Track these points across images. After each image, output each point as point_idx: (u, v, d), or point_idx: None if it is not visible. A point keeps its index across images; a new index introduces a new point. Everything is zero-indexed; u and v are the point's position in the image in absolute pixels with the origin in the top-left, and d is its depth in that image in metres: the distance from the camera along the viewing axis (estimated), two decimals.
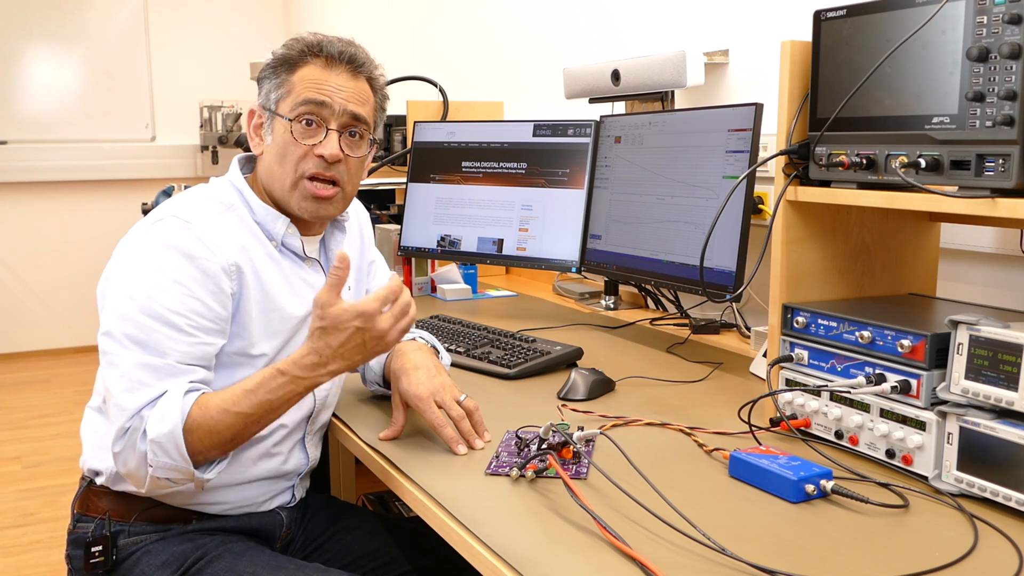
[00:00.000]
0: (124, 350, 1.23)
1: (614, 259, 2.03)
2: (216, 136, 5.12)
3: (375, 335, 1.21)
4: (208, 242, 1.28)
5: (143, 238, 1.29)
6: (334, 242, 1.49)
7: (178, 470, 1.20)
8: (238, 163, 1.43)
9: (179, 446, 1.19)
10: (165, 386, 1.21)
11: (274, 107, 1.36)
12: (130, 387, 1.21)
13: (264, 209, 1.37)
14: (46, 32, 5.14)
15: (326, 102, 1.34)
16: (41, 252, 5.27)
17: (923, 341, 1.13)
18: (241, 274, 1.31)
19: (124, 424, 1.20)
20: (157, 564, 1.32)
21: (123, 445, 1.21)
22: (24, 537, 2.96)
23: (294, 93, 1.35)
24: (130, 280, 1.26)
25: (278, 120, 1.36)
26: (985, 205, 1.06)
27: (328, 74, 1.36)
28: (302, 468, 1.46)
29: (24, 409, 4.31)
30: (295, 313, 1.38)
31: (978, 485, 1.06)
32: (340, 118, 1.35)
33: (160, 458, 1.19)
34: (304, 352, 1.22)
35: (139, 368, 1.22)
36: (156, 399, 1.21)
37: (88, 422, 1.43)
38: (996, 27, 1.03)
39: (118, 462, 1.23)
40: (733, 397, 1.52)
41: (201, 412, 1.21)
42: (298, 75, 1.36)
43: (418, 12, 4.05)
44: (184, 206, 1.32)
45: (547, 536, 1.01)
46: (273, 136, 1.37)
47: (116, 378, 1.22)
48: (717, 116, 1.78)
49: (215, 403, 1.22)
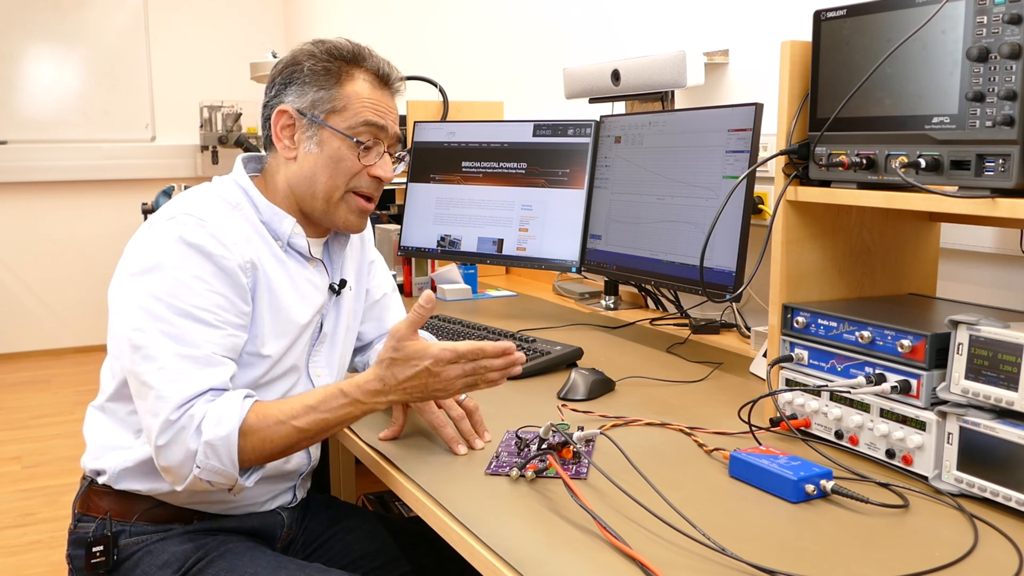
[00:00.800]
0: (160, 344, 1.22)
1: (614, 259, 2.03)
2: (216, 136, 5.12)
3: (440, 381, 1.21)
4: (223, 239, 1.28)
5: (158, 236, 1.28)
6: (338, 244, 1.49)
7: (223, 475, 1.20)
8: (242, 163, 1.43)
9: (232, 451, 1.18)
10: (207, 376, 1.21)
11: (322, 118, 1.35)
12: (173, 378, 1.20)
13: (271, 209, 1.37)
14: (46, 32, 5.14)
15: (385, 127, 1.38)
16: (41, 252, 5.27)
17: (923, 341, 1.13)
18: (256, 271, 1.32)
19: (170, 416, 1.19)
20: (158, 564, 1.32)
21: (169, 438, 1.19)
22: (24, 537, 2.96)
23: (351, 110, 1.35)
24: (152, 279, 1.25)
25: (328, 132, 1.35)
26: (985, 205, 1.06)
27: (379, 94, 1.38)
28: (303, 468, 1.46)
29: (24, 409, 4.31)
30: (301, 315, 1.38)
31: (978, 485, 1.06)
32: (391, 140, 1.40)
33: (210, 460, 1.18)
34: (369, 377, 1.23)
35: (179, 359, 1.21)
36: (202, 393, 1.20)
37: (92, 421, 1.42)
38: (996, 27, 1.03)
39: (160, 456, 1.21)
40: (733, 397, 1.52)
41: (258, 419, 1.20)
42: (350, 90, 1.36)
43: (418, 12, 4.05)
44: (195, 204, 1.32)
45: (547, 536, 1.01)
46: (320, 147, 1.36)
47: (155, 371, 1.21)
48: (717, 116, 1.78)
49: (273, 413, 1.22)
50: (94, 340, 5.28)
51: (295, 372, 1.40)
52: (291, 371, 1.39)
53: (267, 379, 1.35)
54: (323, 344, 1.45)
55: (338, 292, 1.47)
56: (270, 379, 1.35)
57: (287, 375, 1.38)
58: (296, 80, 1.37)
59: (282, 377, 1.37)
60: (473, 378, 1.23)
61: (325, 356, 1.46)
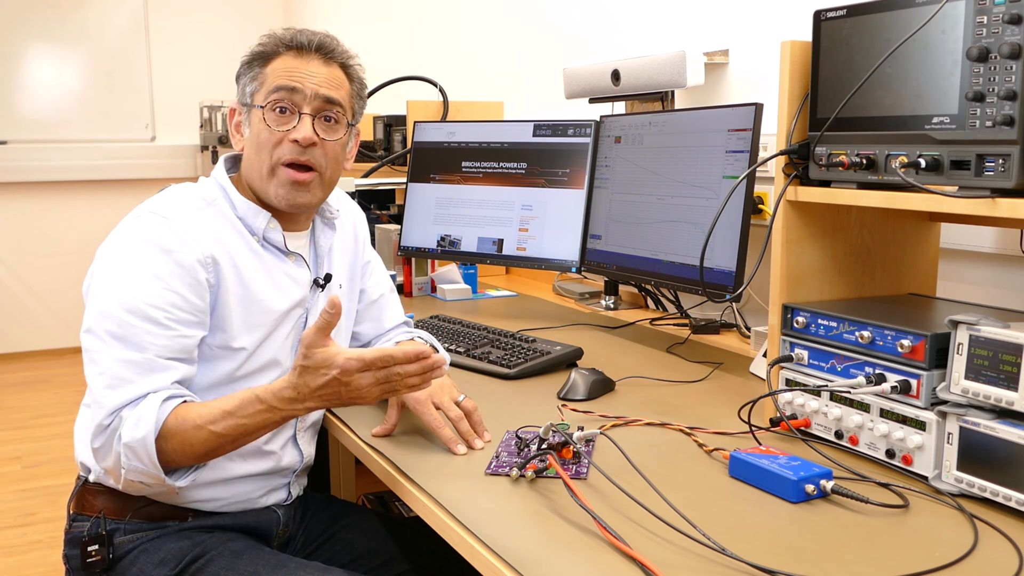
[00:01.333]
0: (105, 347, 1.25)
1: (614, 259, 2.03)
2: (216, 136, 5.12)
3: (352, 389, 1.18)
4: (183, 235, 1.30)
5: (122, 236, 1.32)
6: (323, 238, 1.49)
7: (149, 475, 1.22)
8: (224, 163, 1.45)
9: (150, 453, 1.20)
10: (146, 382, 1.23)
11: (250, 100, 1.39)
12: (111, 384, 1.23)
13: (245, 204, 1.39)
14: (46, 32, 5.14)
15: (297, 87, 1.35)
16: (41, 252, 5.27)
17: (923, 341, 1.13)
18: (218, 266, 1.32)
19: (103, 421, 1.22)
20: (155, 562, 1.32)
21: (101, 442, 1.24)
22: (24, 537, 2.96)
23: (267, 83, 1.37)
24: (110, 277, 1.28)
25: (254, 111, 1.38)
26: (985, 205, 1.06)
27: (299, 62, 1.38)
28: (296, 465, 1.46)
29: (24, 409, 4.31)
30: (277, 307, 1.38)
31: (978, 485, 1.06)
32: (312, 102, 1.36)
33: (132, 462, 1.21)
34: (284, 384, 1.20)
35: (119, 364, 1.23)
36: (137, 399, 1.22)
37: (81, 418, 1.44)
38: (996, 27, 1.03)
39: (96, 458, 1.27)
40: (733, 397, 1.52)
41: (177, 423, 1.21)
42: (271, 67, 1.38)
43: (418, 12, 4.05)
44: (161, 203, 1.35)
45: (547, 536, 1.01)
46: (250, 128, 1.39)
47: (96, 375, 1.25)
48: (717, 116, 1.78)
49: (192, 417, 1.22)
50: None
51: (276, 367, 1.39)
52: (271, 365, 1.39)
53: (244, 372, 1.35)
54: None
55: (323, 286, 1.46)
56: (247, 372, 1.36)
57: (267, 369, 1.38)
58: (239, 75, 1.41)
59: (261, 371, 1.37)
60: (390, 384, 1.19)
61: None
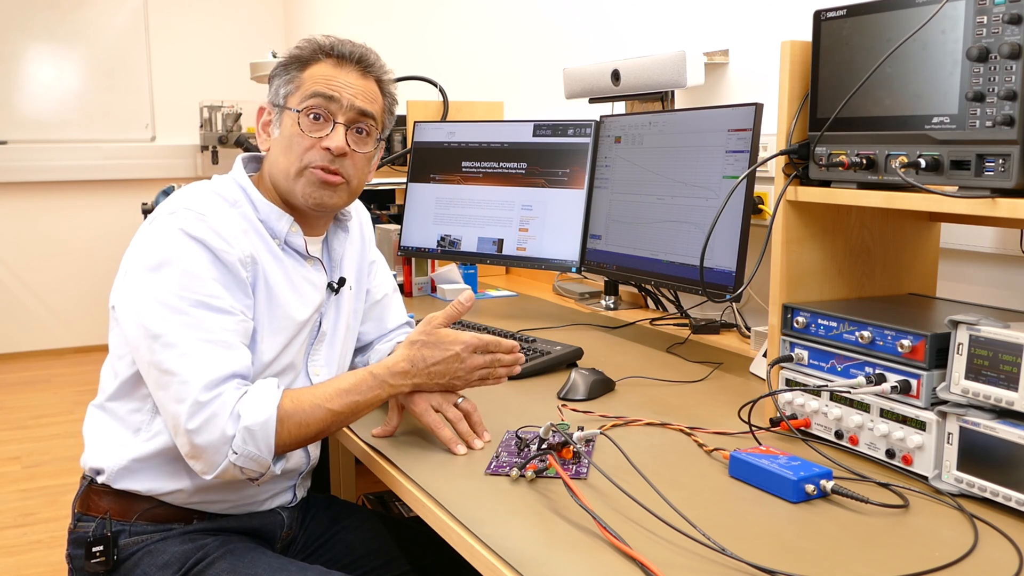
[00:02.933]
0: (179, 332, 1.23)
1: (614, 259, 2.03)
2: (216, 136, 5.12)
3: (464, 368, 1.31)
4: (223, 234, 1.29)
5: (162, 231, 1.29)
6: (337, 242, 1.49)
7: (258, 461, 1.22)
8: (242, 162, 1.44)
9: (269, 437, 1.21)
10: (231, 358, 1.23)
11: (283, 102, 1.39)
12: (196, 362, 1.21)
13: (268, 207, 1.38)
14: (46, 32, 5.14)
15: (334, 96, 1.36)
16: (41, 252, 5.27)
17: (923, 341, 1.13)
18: (256, 265, 1.33)
19: (199, 397, 1.19)
20: (158, 564, 1.32)
21: (200, 422, 1.19)
22: (24, 537, 2.96)
23: (303, 88, 1.37)
24: (162, 274, 1.26)
25: (286, 113, 1.38)
26: (985, 205, 1.06)
27: (338, 72, 1.38)
28: (303, 467, 1.46)
29: (24, 409, 4.31)
30: (298, 316, 1.38)
31: (978, 485, 1.06)
32: (347, 113, 1.37)
33: (248, 446, 1.20)
34: (398, 359, 1.30)
35: (200, 343, 1.23)
36: (229, 377, 1.22)
37: (92, 420, 1.42)
38: (996, 27, 1.03)
39: (192, 440, 1.20)
40: (733, 397, 1.52)
41: (292, 404, 1.24)
42: (308, 72, 1.38)
43: (418, 12, 4.05)
44: (194, 199, 1.33)
45: (547, 536, 1.01)
46: (281, 129, 1.39)
47: (177, 357, 1.22)
48: (717, 116, 1.78)
49: (307, 397, 1.26)
50: (94, 340, 5.28)
51: (292, 371, 1.40)
52: (288, 369, 1.39)
53: (263, 377, 1.35)
54: (322, 343, 1.46)
55: (337, 290, 1.47)
56: (266, 376, 1.35)
57: (284, 373, 1.38)
58: (272, 76, 1.42)
59: (279, 376, 1.37)
60: (488, 371, 1.33)
61: (324, 355, 1.46)
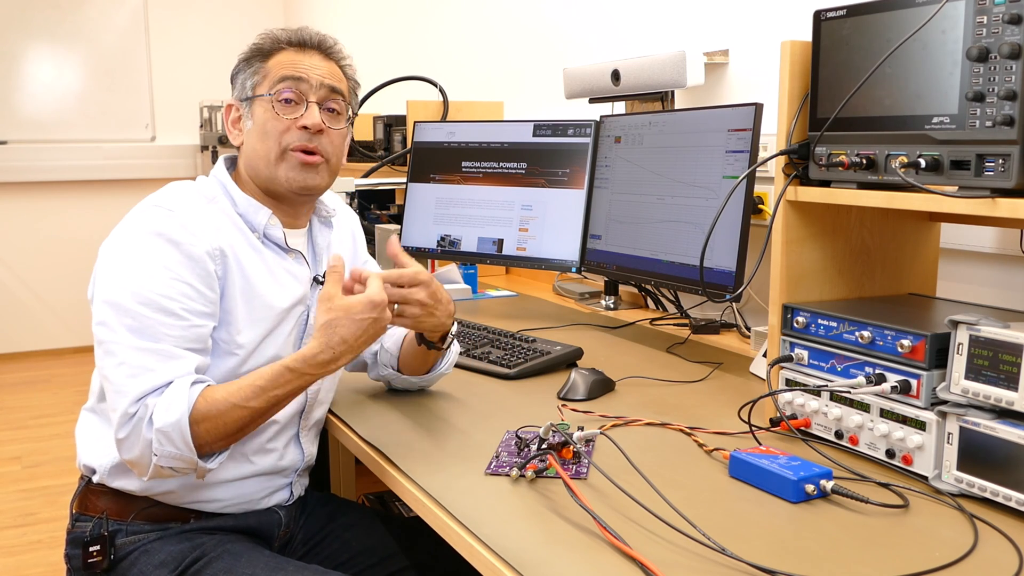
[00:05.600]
0: (121, 338, 1.24)
1: (614, 259, 2.03)
2: (216, 136, 5.12)
3: (382, 320, 1.28)
4: (190, 228, 1.30)
5: (128, 229, 1.32)
6: (321, 237, 1.50)
7: (182, 459, 1.22)
8: (224, 162, 1.46)
9: (185, 436, 1.20)
10: (168, 369, 1.23)
11: (251, 93, 1.40)
12: (132, 372, 1.22)
13: (246, 201, 1.40)
14: (46, 32, 5.14)
15: (303, 77, 1.39)
16: (41, 252, 5.27)
17: (923, 341, 1.13)
18: (225, 258, 1.33)
19: (128, 409, 1.21)
20: (155, 563, 1.32)
21: (128, 431, 1.22)
22: (24, 537, 2.96)
23: (270, 76, 1.39)
24: (120, 270, 1.28)
25: (257, 103, 1.39)
26: (985, 205, 1.06)
27: (302, 56, 1.41)
28: (298, 464, 1.46)
29: (24, 409, 4.31)
30: (278, 304, 1.39)
31: (978, 485, 1.06)
32: (318, 92, 1.39)
33: (165, 447, 1.20)
34: (316, 350, 1.25)
35: (139, 353, 1.23)
36: (161, 387, 1.22)
37: (83, 422, 1.44)
38: (996, 27, 1.03)
39: (122, 449, 1.24)
40: (733, 397, 1.52)
41: (207, 404, 1.23)
42: (272, 61, 1.40)
43: (418, 12, 4.05)
44: (166, 197, 1.35)
45: (547, 536, 1.01)
46: (253, 119, 1.40)
47: (115, 366, 1.24)
48: (717, 116, 1.78)
49: (222, 396, 1.24)
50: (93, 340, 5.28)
51: None
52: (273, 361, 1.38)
53: (247, 369, 1.35)
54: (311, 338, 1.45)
55: (322, 284, 1.46)
56: (251, 368, 1.35)
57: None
58: (236, 72, 1.44)
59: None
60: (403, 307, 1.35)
61: None
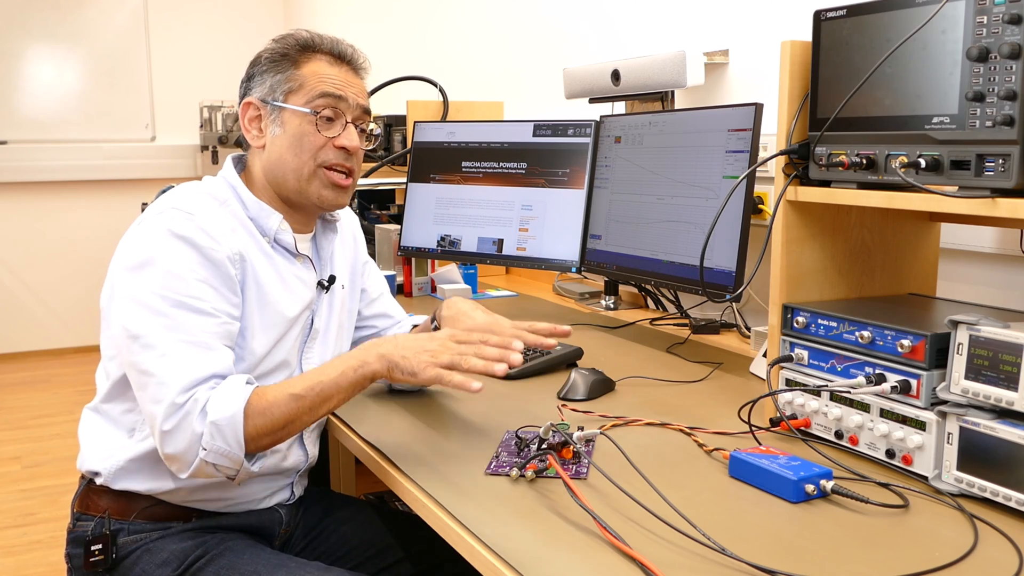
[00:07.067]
0: (159, 333, 1.23)
1: (614, 259, 2.03)
2: (216, 136, 5.12)
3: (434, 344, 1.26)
4: (211, 232, 1.30)
5: (148, 231, 1.30)
6: (326, 241, 1.51)
7: (229, 456, 1.20)
8: (232, 162, 1.46)
9: (238, 431, 1.19)
10: (211, 361, 1.22)
11: (282, 100, 1.38)
12: (177, 363, 1.21)
13: (257, 205, 1.39)
14: (46, 32, 5.14)
15: (342, 96, 1.38)
16: (41, 252, 5.27)
17: (923, 341, 1.13)
18: (244, 263, 1.33)
19: (175, 399, 1.19)
20: (157, 562, 1.32)
21: (175, 423, 1.19)
22: (24, 537, 2.96)
23: (307, 87, 1.37)
24: (145, 273, 1.26)
25: (290, 112, 1.37)
26: (985, 205, 1.06)
27: (337, 70, 1.40)
28: (301, 465, 1.46)
29: (24, 409, 4.31)
30: (289, 312, 1.39)
31: (978, 485, 1.06)
32: (354, 111, 1.40)
33: (216, 442, 1.19)
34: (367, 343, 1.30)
35: (181, 345, 1.22)
36: (208, 378, 1.21)
37: (86, 423, 1.43)
38: (996, 27, 1.03)
39: (166, 441, 1.20)
40: (733, 397, 1.52)
41: (258, 397, 1.22)
42: (306, 70, 1.38)
43: (418, 12, 4.05)
44: (183, 199, 1.34)
45: (547, 536, 1.01)
46: (284, 128, 1.38)
47: (156, 358, 1.21)
48: (717, 116, 1.78)
49: (271, 388, 1.25)
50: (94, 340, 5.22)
51: (286, 368, 1.40)
52: (281, 366, 1.39)
53: (257, 373, 1.35)
54: (315, 340, 1.46)
55: (327, 288, 1.47)
56: (260, 373, 1.36)
57: (277, 370, 1.39)
58: (257, 72, 1.41)
59: (273, 372, 1.38)
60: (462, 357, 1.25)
61: (318, 352, 1.46)
